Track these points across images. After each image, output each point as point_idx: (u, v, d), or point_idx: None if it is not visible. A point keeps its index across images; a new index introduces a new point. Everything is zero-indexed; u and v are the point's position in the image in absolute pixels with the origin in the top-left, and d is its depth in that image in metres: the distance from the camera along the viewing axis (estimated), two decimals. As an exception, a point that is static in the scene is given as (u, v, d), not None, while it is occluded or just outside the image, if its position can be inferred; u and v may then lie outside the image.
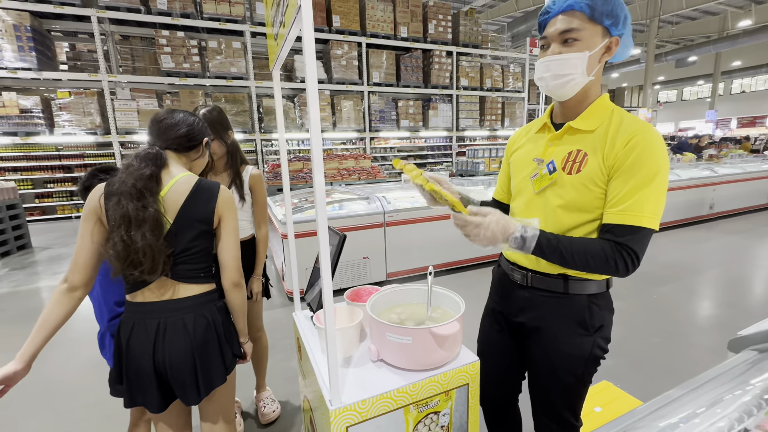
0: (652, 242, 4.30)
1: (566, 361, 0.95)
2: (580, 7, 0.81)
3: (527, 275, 0.98)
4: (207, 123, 1.50)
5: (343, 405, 0.78)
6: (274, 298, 3.38)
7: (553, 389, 1.00)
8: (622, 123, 0.84)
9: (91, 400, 2.06)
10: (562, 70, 0.84)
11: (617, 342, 2.49)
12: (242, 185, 1.66)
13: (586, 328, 0.94)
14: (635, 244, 0.81)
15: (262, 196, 1.72)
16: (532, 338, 1.02)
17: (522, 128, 1.09)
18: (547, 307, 0.96)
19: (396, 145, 10.32)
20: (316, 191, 0.68)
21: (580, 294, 0.93)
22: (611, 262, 0.81)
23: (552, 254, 0.82)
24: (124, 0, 6.60)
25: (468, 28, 9.75)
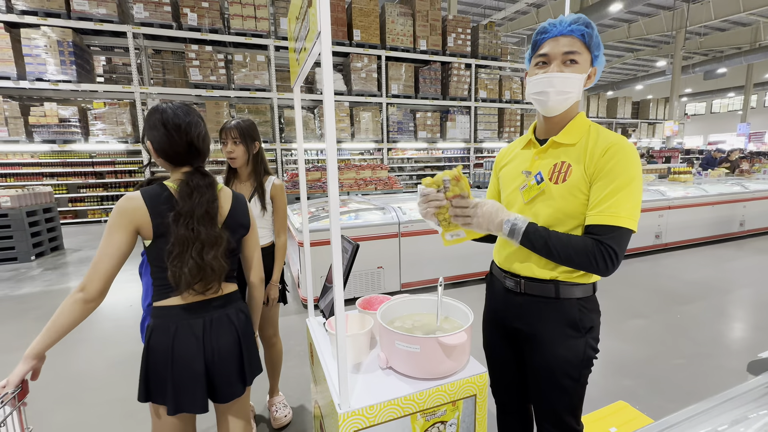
0: (678, 258, 4.14)
1: (562, 363, 0.99)
2: (580, 33, 0.90)
3: (520, 282, 1.03)
4: (239, 130, 1.66)
5: (352, 409, 0.80)
6: (290, 305, 3.44)
7: (552, 393, 1.02)
8: (599, 136, 0.93)
9: (114, 396, 2.14)
10: (565, 87, 0.91)
11: (637, 361, 2.42)
12: (264, 194, 1.73)
13: (577, 330, 0.99)
14: (614, 242, 0.87)
15: (283, 205, 1.79)
16: (529, 344, 1.05)
17: (508, 146, 1.18)
18: (541, 311, 1.01)
19: (413, 156, 10.38)
20: (331, 202, 0.72)
21: (570, 298, 0.99)
22: (592, 257, 0.87)
23: (538, 243, 0.90)
24: (157, 17, 6.99)
25: (487, 41, 9.81)
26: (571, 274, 0.98)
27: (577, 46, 0.90)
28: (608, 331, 2.85)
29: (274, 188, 1.76)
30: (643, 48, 18.98)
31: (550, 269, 0.98)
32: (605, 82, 23.95)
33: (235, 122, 1.68)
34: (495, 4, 13.91)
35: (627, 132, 18.30)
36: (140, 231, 0.99)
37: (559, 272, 0.98)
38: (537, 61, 0.95)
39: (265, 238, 1.77)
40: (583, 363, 1.00)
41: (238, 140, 1.67)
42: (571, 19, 0.90)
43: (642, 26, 15.25)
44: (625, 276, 4.12)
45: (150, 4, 6.91)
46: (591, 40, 0.90)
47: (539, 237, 0.89)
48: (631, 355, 2.52)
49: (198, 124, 1.08)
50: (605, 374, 2.33)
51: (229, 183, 1.76)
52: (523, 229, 0.89)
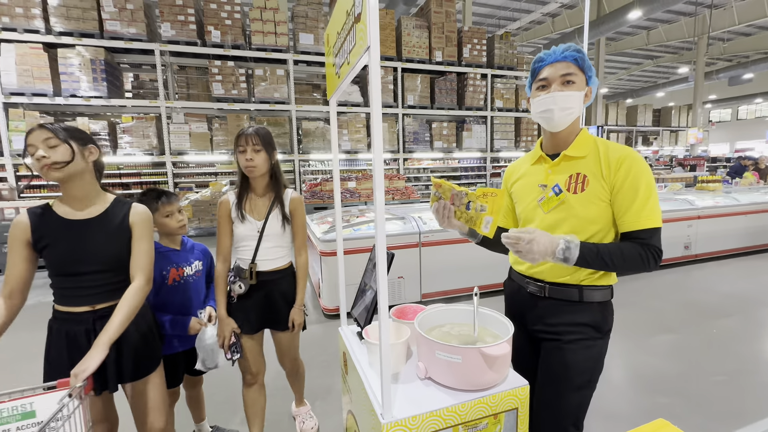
0: (710, 270, 3.99)
1: (581, 362, 1.07)
2: (573, 58, 1.03)
3: (545, 287, 1.10)
4: (260, 137, 1.50)
5: (395, 420, 0.80)
6: (310, 314, 3.45)
7: (564, 393, 1.07)
8: (608, 148, 1.04)
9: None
10: (567, 103, 1.03)
11: (671, 378, 2.32)
12: (284, 209, 1.58)
13: (599, 331, 1.09)
14: (658, 242, 0.99)
15: (303, 220, 1.64)
16: (550, 344, 1.11)
17: (516, 162, 1.27)
18: (565, 314, 1.08)
19: (429, 166, 10.39)
20: (377, 209, 0.73)
21: (592, 302, 1.07)
22: (644, 260, 0.97)
23: (594, 261, 0.97)
24: (183, 34, 7.29)
25: (503, 51, 9.83)
26: (593, 277, 1.07)
27: (572, 68, 1.03)
28: (636, 346, 2.75)
29: (293, 202, 1.61)
30: (663, 55, 18.63)
31: (574, 274, 1.06)
32: (624, 90, 23.56)
33: (254, 128, 1.52)
34: (510, 15, 13.97)
35: (648, 140, 17.87)
36: None
37: (584, 276, 1.06)
38: (538, 86, 1.08)
39: (284, 258, 1.62)
40: (598, 365, 1.09)
41: (259, 147, 1.49)
42: (564, 48, 1.04)
43: (662, 33, 15.00)
44: (653, 288, 3.98)
45: (176, 22, 7.23)
46: (583, 63, 1.04)
47: (592, 254, 0.96)
48: (663, 371, 2.41)
49: None
50: (637, 391, 2.24)
51: (243, 197, 1.57)
52: (578, 253, 0.95)
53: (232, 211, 1.55)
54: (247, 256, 1.56)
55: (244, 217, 1.54)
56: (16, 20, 6.40)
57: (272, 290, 1.60)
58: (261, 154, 1.50)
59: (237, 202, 1.56)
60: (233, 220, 1.55)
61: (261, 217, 1.56)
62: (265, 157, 1.52)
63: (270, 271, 1.59)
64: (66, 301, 1.17)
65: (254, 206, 1.58)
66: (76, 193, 1.16)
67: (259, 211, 1.57)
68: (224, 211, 1.55)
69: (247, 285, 1.53)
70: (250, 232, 1.55)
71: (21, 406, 0.92)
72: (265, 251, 1.56)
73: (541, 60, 1.07)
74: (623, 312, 3.36)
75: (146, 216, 1.26)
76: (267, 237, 1.55)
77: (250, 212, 1.56)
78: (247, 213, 1.55)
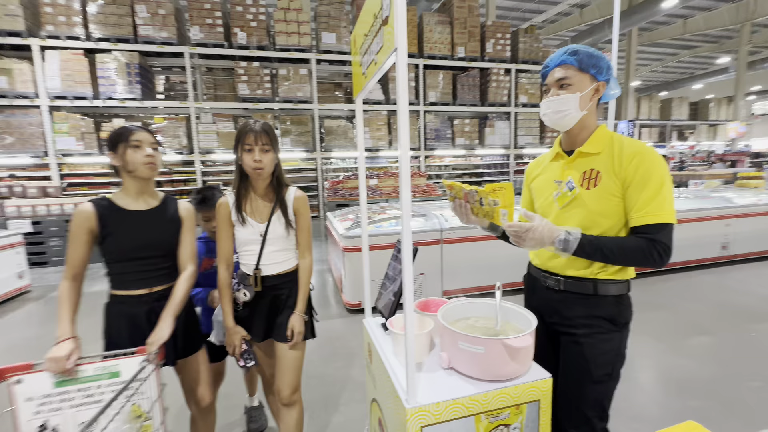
0: (750, 272, 3.81)
1: (599, 355, 1.07)
2: (570, 62, 1.06)
3: (560, 280, 1.13)
4: (269, 135, 1.37)
5: (419, 405, 0.83)
6: (332, 309, 3.54)
7: (585, 387, 1.08)
8: (623, 145, 1.05)
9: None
10: (559, 107, 1.07)
11: (704, 381, 2.24)
12: (287, 210, 1.45)
13: (615, 324, 1.09)
14: (665, 238, 0.98)
15: (308, 220, 1.51)
16: (566, 338, 1.13)
17: (537, 159, 1.31)
18: (580, 307, 1.10)
19: (451, 163, 10.30)
20: (403, 206, 0.76)
21: (607, 295, 1.08)
22: (648, 254, 0.97)
23: (594, 252, 0.99)
24: (211, 37, 7.54)
25: (527, 44, 9.60)
26: (607, 271, 1.07)
27: (569, 72, 1.06)
28: (668, 347, 2.66)
29: (297, 201, 1.47)
30: (701, 44, 17.64)
31: (589, 268, 1.08)
32: (658, 83, 22.49)
33: (260, 125, 1.37)
34: (535, 8, 13.59)
35: (683, 135, 16.98)
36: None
37: (598, 269, 1.07)
38: (543, 90, 1.15)
39: (290, 261, 1.49)
40: (618, 357, 1.10)
41: (268, 147, 1.36)
42: (561, 52, 1.08)
43: (700, 21, 14.20)
44: (688, 289, 3.82)
45: (205, 25, 7.49)
46: (581, 63, 1.06)
47: (592, 246, 0.99)
48: (696, 374, 2.33)
49: None
50: (668, 393, 2.18)
51: (243, 198, 1.43)
52: (576, 244, 0.98)
53: (232, 213, 1.42)
54: (250, 261, 1.44)
55: (244, 220, 1.41)
56: (60, 28, 6.81)
57: (278, 296, 1.48)
58: (269, 155, 1.37)
59: (236, 203, 1.42)
60: (234, 224, 1.43)
61: (263, 220, 1.43)
62: (272, 157, 1.39)
63: (276, 275, 1.46)
64: (126, 285, 1.30)
65: (255, 208, 1.44)
66: (143, 189, 1.34)
67: (261, 213, 1.44)
68: (224, 214, 1.42)
69: (252, 292, 1.43)
70: (252, 236, 1.42)
71: (109, 366, 1.12)
72: (270, 255, 1.44)
73: (546, 66, 1.13)
74: (656, 313, 3.25)
75: (192, 212, 1.46)
76: (270, 240, 1.43)
77: (251, 215, 1.43)
78: (248, 215, 1.42)
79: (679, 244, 4.77)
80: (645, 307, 3.39)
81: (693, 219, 4.27)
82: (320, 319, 3.32)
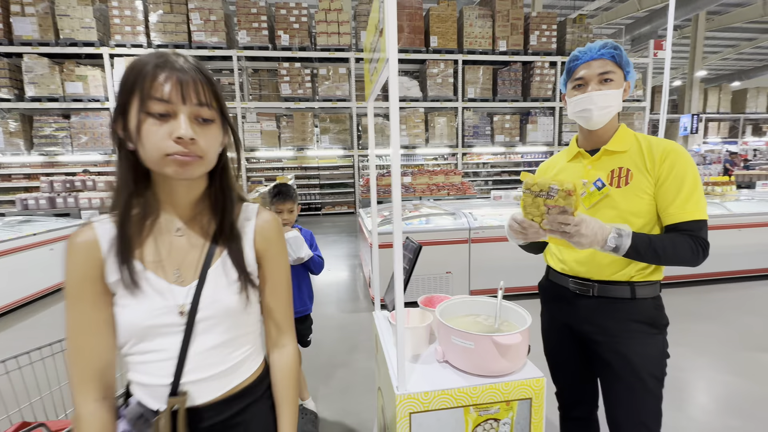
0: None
1: (646, 360, 1.04)
2: (610, 56, 1.02)
3: (593, 286, 1.08)
4: (203, 82, 0.92)
5: (408, 392, 0.89)
6: (361, 302, 3.66)
7: (635, 396, 1.04)
8: (651, 143, 1.03)
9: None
10: (606, 102, 1.02)
11: (751, 401, 2.06)
12: (242, 251, 0.80)
13: (657, 327, 1.06)
14: (704, 234, 0.98)
15: (284, 269, 0.78)
16: (605, 347, 1.08)
17: (549, 160, 1.27)
18: (618, 313, 1.05)
19: (490, 161, 10.06)
20: (394, 204, 0.82)
21: (645, 298, 1.05)
22: (695, 252, 0.95)
23: (646, 251, 0.94)
24: (257, 40, 7.96)
25: (576, 35, 9.10)
26: (644, 272, 1.04)
27: (609, 66, 1.02)
28: (720, 363, 2.46)
29: (263, 230, 0.61)
30: (784, 27, 15.60)
31: (625, 271, 1.03)
32: (729, 71, 20.23)
33: (184, 62, 0.64)
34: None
35: (760, 129, 15.17)
36: None
37: (635, 272, 1.03)
38: (574, 84, 1.07)
39: (247, 366, 0.72)
40: (663, 358, 1.06)
41: (210, 112, 0.63)
42: (600, 45, 1.03)
43: (783, 1, 12.56)
44: (746, 301, 3.48)
45: (251, 30, 7.91)
46: (621, 60, 1.03)
47: (644, 244, 0.94)
48: (744, 392, 2.15)
49: None
50: (708, 410, 2.04)
51: (132, 230, 0.77)
52: (629, 242, 0.91)
53: (106, 265, 0.64)
54: (157, 378, 0.66)
55: (137, 281, 0.64)
56: (126, 37, 7.53)
57: None
58: (212, 129, 0.65)
59: (119, 242, 0.64)
60: (109, 291, 0.65)
61: (188, 277, 0.68)
62: (217, 136, 0.66)
63: (218, 403, 0.70)
64: None
65: (168, 250, 0.68)
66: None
67: (183, 263, 0.69)
68: (82, 269, 0.63)
69: None
70: (159, 317, 0.65)
71: None
72: (203, 358, 0.68)
73: (576, 58, 1.06)
74: (704, 326, 3.01)
75: None
76: (205, 324, 0.68)
77: (157, 266, 0.67)
78: (150, 268, 0.66)
79: (740, 252, 4.34)
80: (693, 317, 3.15)
81: (756, 224, 3.86)
82: (348, 312, 3.45)
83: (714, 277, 3.87)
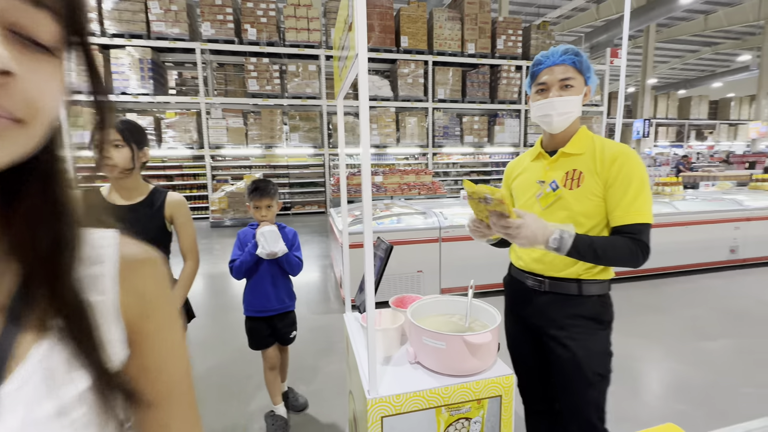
0: (759, 277, 3.73)
1: (589, 356, 1.08)
2: (571, 62, 1.05)
3: (544, 282, 1.13)
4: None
5: (380, 396, 0.87)
6: (333, 304, 3.60)
7: (579, 388, 1.09)
8: (604, 146, 1.06)
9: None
10: (565, 108, 1.05)
11: (697, 386, 2.22)
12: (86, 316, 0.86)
13: (600, 323, 1.11)
14: (646, 238, 1.00)
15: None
16: (554, 341, 1.12)
17: (517, 159, 1.31)
18: (565, 308, 1.11)
19: (459, 161, 10.26)
20: (364, 203, 0.79)
21: (591, 295, 1.09)
22: (634, 254, 0.99)
23: (587, 252, 0.97)
24: (222, 33, 7.65)
25: (540, 41, 9.46)
26: (592, 271, 1.08)
27: (570, 72, 1.05)
28: (665, 352, 2.64)
29: (141, 276, 0.73)
30: (723, 41, 17.06)
31: (573, 268, 1.08)
32: (676, 80, 21.84)
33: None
34: (550, 3, 13.34)
35: (702, 134, 16.49)
36: None
37: (583, 270, 1.08)
38: (537, 89, 1.10)
39: None
40: (606, 356, 1.11)
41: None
42: (562, 50, 1.06)
43: (722, 17, 13.73)
44: (692, 293, 3.75)
45: (216, 22, 7.59)
46: (581, 66, 1.06)
47: (585, 245, 0.97)
48: (690, 379, 2.31)
49: None
50: (658, 395, 2.18)
51: None
52: (571, 243, 0.95)
53: None
54: None
55: None
56: (77, 24, 7.00)
57: None
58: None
59: None
60: None
61: None
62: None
63: None
64: None
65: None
66: (121, 185, 1.32)
67: None
68: None
69: None
70: None
71: None
72: None
73: (539, 63, 1.09)
74: (655, 316, 3.21)
75: (182, 202, 1.41)
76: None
77: None
78: None
79: (685, 247, 4.65)
80: (645, 309, 3.36)
81: (701, 221, 4.18)
82: (319, 314, 3.39)
83: (664, 271, 4.16)
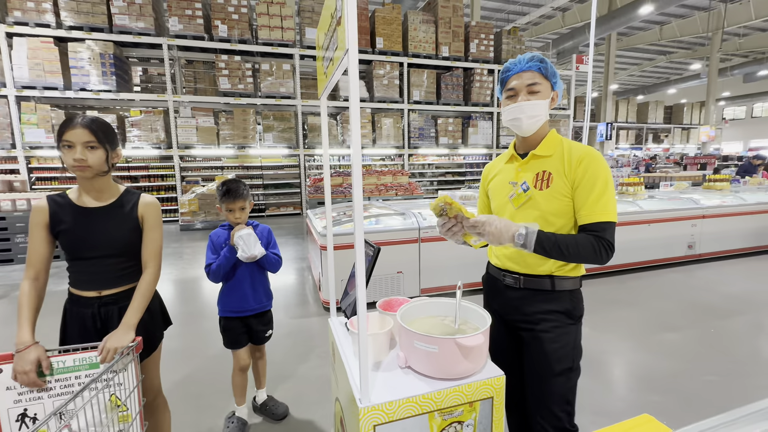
0: (714, 270, 3.96)
1: (558, 349, 1.13)
2: (537, 68, 1.11)
3: (519, 279, 1.18)
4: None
5: (372, 404, 0.84)
6: (311, 307, 3.52)
7: (547, 380, 1.13)
8: (572, 148, 1.11)
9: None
10: (534, 111, 1.10)
11: (666, 376, 2.33)
12: None
13: (572, 318, 1.15)
14: (610, 236, 1.05)
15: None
16: (528, 334, 1.17)
17: (492, 162, 1.36)
18: (539, 303, 1.15)
19: (434, 162, 10.38)
20: (355, 206, 0.76)
21: (563, 290, 1.14)
22: (597, 251, 1.03)
23: (552, 248, 1.02)
24: (191, 29, 7.36)
25: (510, 46, 9.75)
26: (564, 268, 1.14)
27: (537, 78, 1.10)
28: (634, 344, 2.76)
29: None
30: (676, 50, 18.25)
31: (546, 266, 1.13)
32: (635, 86, 23.14)
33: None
34: (519, 9, 13.79)
35: (659, 137, 17.56)
36: None
37: (555, 267, 1.13)
38: (507, 94, 1.15)
39: None
40: (576, 350, 1.16)
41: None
42: (528, 57, 1.11)
43: (675, 28, 14.68)
44: (657, 287, 3.96)
45: (184, 17, 7.29)
46: (547, 71, 1.11)
47: (550, 242, 1.02)
48: (660, 369, 2.43)
49: None
50: (632, 388, 2.26)
51: None
52: (535, 239, 1.00)
53: None
54: None
55: None
56: (28, 14, 6.52)
57: None
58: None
59: None
60: None
61: None
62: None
63: None
64: (79, 285, 1.27)
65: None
66: (93, 186, 1.24)
67: None
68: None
69: None
70: None
71: (87, 358, 1.13)
72: None
73: (508, 69, 1.14)
74: (624, 311, 3.36)
75: (155, 206, 1.34)
76: None
77: None
78: None
79: (648, 244, 4.90)
80: (614, 304, 3.51)
81: (662, 219, 4.43)
82: (297, 318, 3.30)
83: (630, 267, 4.37)
